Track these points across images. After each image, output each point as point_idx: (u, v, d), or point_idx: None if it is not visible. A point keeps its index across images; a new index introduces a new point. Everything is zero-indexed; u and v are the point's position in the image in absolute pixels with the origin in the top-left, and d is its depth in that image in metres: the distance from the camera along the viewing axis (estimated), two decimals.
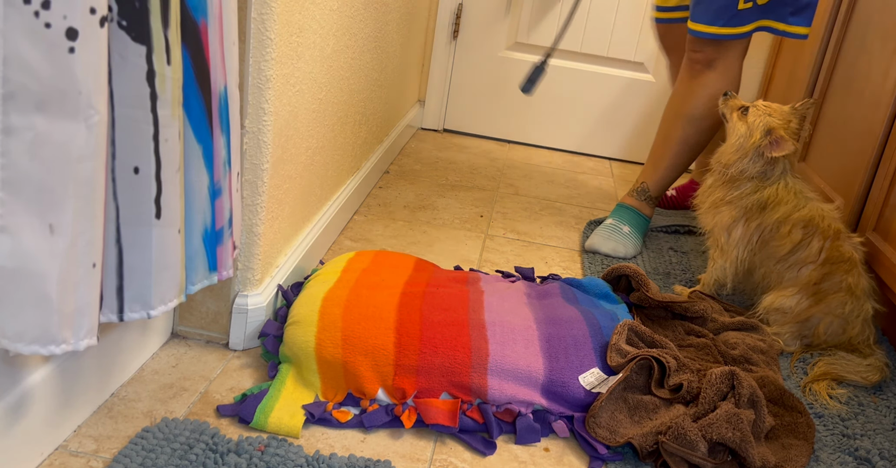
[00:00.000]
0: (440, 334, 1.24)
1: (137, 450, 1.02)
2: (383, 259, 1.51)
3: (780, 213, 1.57)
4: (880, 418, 1.34)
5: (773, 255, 1.58)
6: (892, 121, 1.68)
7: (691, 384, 1.23)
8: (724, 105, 1.71)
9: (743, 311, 1.64)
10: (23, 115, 0.74)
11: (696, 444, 1.11)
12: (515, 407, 1.19)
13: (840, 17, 2.10)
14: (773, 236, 1.57)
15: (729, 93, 1.72)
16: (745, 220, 1.60)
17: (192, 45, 0.94)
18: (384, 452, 1.11)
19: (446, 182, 2.32)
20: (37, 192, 0.77)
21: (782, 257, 1.56)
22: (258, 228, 1.27)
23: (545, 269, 1.80)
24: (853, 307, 1.49)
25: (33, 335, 0.81)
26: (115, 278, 0.94)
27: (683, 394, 1.23)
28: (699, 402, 1.20)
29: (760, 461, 1.13)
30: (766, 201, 1.58)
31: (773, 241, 1.57)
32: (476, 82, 2.81)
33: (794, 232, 1.55)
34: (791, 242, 1.55)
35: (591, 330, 1.32)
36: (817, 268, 1.52)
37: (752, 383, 1.22)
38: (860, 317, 1.50)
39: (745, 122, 1.62)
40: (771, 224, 1.57)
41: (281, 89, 1.25)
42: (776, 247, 1.57)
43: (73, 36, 0.74)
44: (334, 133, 1.65)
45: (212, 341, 1.31)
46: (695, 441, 1.11)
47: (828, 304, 1.50)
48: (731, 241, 1.62)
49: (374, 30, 1.85)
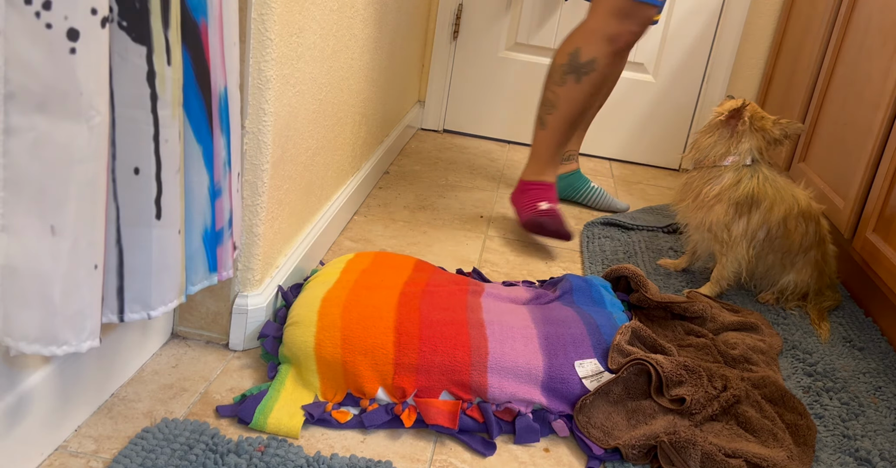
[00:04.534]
0: (439, 333, 1.24)
1: (137, 450, 1.02)
2: (383, 260, 1.51)
3: (782, 211, 1.66)
4: (881, 419, 1.34)
5: (784, 248, 1.69)
6: (892, 121, 1.68)
7: (695, 397, 1.22)
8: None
9: (742, 310, 1.64)
10: (24, 115, 0.74)
11: (690, 452, 1.12)
12: (515, 406, 1.19)
13: (840, 18, 2.10)
14: (781, 234, 1.68)
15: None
16: (738, 215, 1.67)
17: (193, 46, 0.94)
18: (384, 453, 1.11)
19: (446, 182, 2.32)
20: (38, 193, 0.77)
21: (795, 249, 1.69)
22: (258, 229, 1.27)
23: (545, 270, 1.80)
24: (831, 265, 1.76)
25: (35, 335, 0.81)
26: (115, 279, 0.94)
27: (689, 408, 1.22)
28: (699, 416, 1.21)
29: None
30: (754, 196, 1.66)
31: (782, 239, 1.68)
32: (476, 82, 2.81)
33: (799, 225, 1.68)
34: (800, 234, 1.68)
35: (588, 329, 1.32)
36: (817, 249, 1.71)
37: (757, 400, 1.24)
38: (831, 266, 1.76)
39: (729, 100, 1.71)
40: (776, 223, 1.67)
41: (281, 90, 1.25)
42: (788, 243, 1.69)
43: (74, 36, 0.74)
44: (334, 133, 1.65)
45: (212, 342, 1.31)
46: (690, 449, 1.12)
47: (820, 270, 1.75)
48: (734, 237, 1.68)
49: (374, 30, 1.85)
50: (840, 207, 1.85)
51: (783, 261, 1.71)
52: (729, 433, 1.20)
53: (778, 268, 1.72)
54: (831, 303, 1.74)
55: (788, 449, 1.17)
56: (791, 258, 1.70)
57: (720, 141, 1.68)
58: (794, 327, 1.64)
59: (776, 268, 1.73)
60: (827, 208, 1.85)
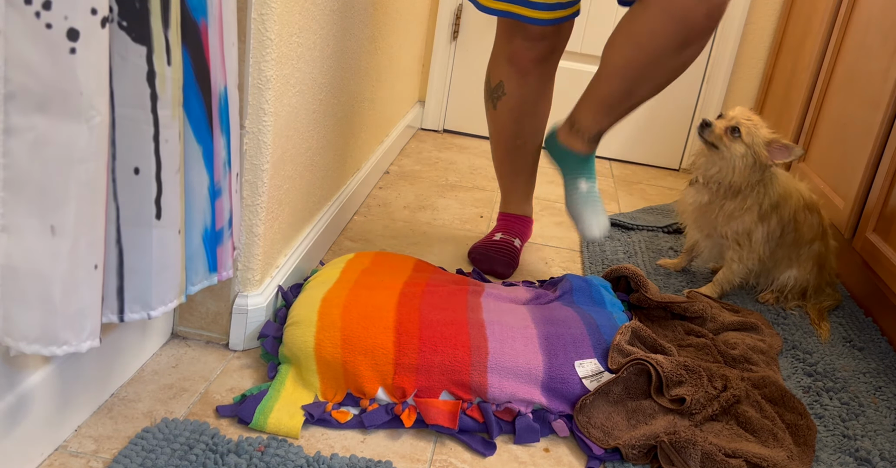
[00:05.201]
0: (439, 333, 1.24)
1: (137, 450, 1.02)
2: (383, 260, 1.51)
3: (791, 206, 1.68)
4: (881, 419, 1.34)
5: (794, 242, 1.71)
6: (892, 121, 1.68)
7: (695, 397, 1.22)
8: (709, 135, 1.63)
9: (742, 310, 1.64)
10: (24, 115, 0.74)
11: (690, 452, 1.12)
12: (515, 406, 1.19)
13: (840, 17, 2.10)
14: (793, 228, 1.69)
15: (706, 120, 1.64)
16: (761, 221, 1.68)
17: (193, 46, 0.94)
18: (384, 453, 1.11)
19: (446, 182, 2.32)
20: (38, 193, 0.77)
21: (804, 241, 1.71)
22: (258, 229, 1.27)
23: (545, 270, 1.80)
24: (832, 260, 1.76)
25: (35, 335, 0.81)
26: (115, 279, 0.94)
27: (689, 408, 1.22)
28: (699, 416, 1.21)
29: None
30: (778, 201, 1.68)
31: (794, 233, 1.70)
32: (476, 82, 2.81)
33: (807, 217, 1.70)
34: (808, 226, 1.70)
35: (588, 328, 1.32)
36: (820, 241, 1.71)
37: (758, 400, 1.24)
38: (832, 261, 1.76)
39: (741, 142, 1.61)
40: (789, 217, 1.69)
41: (281, 90, 1.25)
42: (798, 236, 1.70)
43: (74, 37, 0.74)
44: (334, 133, 1.65)
45: (212, 342, 1.31)
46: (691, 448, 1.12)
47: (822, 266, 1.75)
48: (755, 242, 1.69)
49: (374, 30, 1.85)
50: (840, 207, 1.85)
51: (790, 255, 1.72)
52: (729, 433, 1.20)
53: (785, 262, 1.73)
54: (831, 303, 1.74)
55: (788, 449, 1.17)
56: (798, 251, 1.71)
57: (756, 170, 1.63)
58: (794, 327, 1.64)
59: (783, 263, 1.73)
60: (827, 208, 1.85)
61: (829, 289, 1.77)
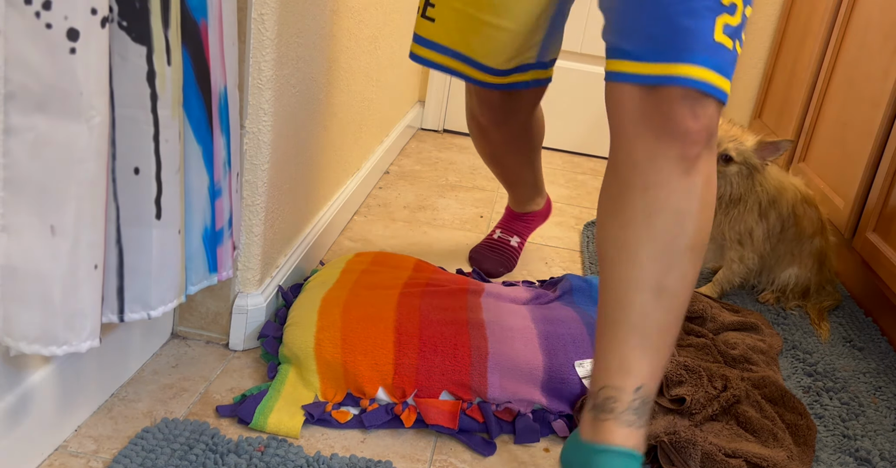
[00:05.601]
0: (439, 333, 1.24)
1: (137, 450, 1.02)
2: (383, 260, 1.51)
3: (787, 199, 1.69)
4: (881, 419, 1.34)
5: (795, 236, 1.71)
6: (892, 121, 1.68)
7: (695, 397, 1.22)
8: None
9: (742, 310, 1.64)
10: (24, 115, 0.74)
11: (690, 452, 1.11)
12: (515, 406, 1.19)
13: (840, 17, 2.10)
14: (793, 222, 1.70)
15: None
16: (761, 218, 1.69)
17: (193, 46, 0.94)
18: (384, 453, 1.11)
19: (446, 182, 2.32)
20: (38, 193, 0.77)
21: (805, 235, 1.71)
22: (258, 229, 1.27)
23: (545, 270, 1.80)
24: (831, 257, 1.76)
25: (35, 335, 0.81)
26: (115, 278, 0.94)
27: (689, 408, 1.22)
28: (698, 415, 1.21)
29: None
30: (774, 195, 1.68)
31: (795, 227, 1.70)
32: None
33: (806, 210, 1.70)
34: (808, 219, 1.70)
35: (588, 328, 1.32)
36: (820, 236, 1.71)
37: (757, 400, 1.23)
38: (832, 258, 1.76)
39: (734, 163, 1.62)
40: (788, 212, 1.69)
41: (281, 90, 1.25)
42: (799, 230, 1.70)
43: (74, 36, 0.74)
44: (334, 133, 1.65)
45: (212, 342, 1.31)
46: (690, 447, 1.12)
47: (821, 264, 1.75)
48: (757, 240, 1.70)
49: (373, 30, 1.85)
50: (840, 207, 1.85)
51: (792, 250, 1.72)
52: (729, 433, 1.20)
53: (786, 259, 1.73)
54: (831, 303, 1.74)
55: (788, 449, 1.17)
56: (800, 246, 1.71)
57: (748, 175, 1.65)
58: (794, 327, 1.64)
59: (784, 260, 1.73)
60: (827, 208, 1.85)
61: (829, 287, 1.77)
